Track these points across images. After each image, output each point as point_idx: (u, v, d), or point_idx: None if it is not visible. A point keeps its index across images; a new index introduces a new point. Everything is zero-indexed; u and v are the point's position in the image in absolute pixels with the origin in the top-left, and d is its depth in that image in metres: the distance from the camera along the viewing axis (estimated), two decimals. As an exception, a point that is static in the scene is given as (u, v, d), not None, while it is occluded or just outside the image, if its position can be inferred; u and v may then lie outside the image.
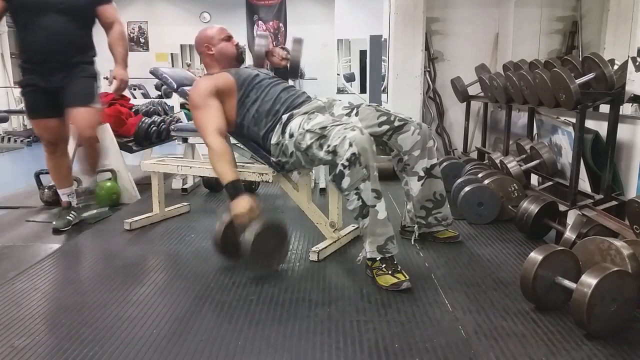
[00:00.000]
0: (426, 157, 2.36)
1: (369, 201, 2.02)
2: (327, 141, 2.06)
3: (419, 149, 2.33)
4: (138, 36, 12.16)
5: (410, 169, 2.39)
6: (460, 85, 4.19)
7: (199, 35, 2.54)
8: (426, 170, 2.37)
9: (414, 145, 2.33)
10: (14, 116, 8.83)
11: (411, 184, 2.41)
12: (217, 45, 2.49)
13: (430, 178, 2.39)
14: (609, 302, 1.60)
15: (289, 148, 2.25)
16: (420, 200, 2.43)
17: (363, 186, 2.00)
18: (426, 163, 2.36)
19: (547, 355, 1.55)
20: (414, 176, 2.39)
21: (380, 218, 2.03)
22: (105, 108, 3.74)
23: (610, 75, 2.40)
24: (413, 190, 2.41)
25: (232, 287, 2.07)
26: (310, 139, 2.13)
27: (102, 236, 2.79)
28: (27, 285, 2.11)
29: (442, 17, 4.64)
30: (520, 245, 2.58)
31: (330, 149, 2.04)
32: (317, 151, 2.11)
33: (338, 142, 2.01)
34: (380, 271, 2.05)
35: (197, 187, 4.02)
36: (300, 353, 1.57)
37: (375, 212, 2.03)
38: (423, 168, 2.37)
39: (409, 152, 2.35)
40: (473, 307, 1.88)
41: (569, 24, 4.48)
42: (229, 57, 2.50)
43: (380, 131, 2.33)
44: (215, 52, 2.48)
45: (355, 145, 1.97)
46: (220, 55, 2.49)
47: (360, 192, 2.01)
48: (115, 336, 1.67)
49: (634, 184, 2.40)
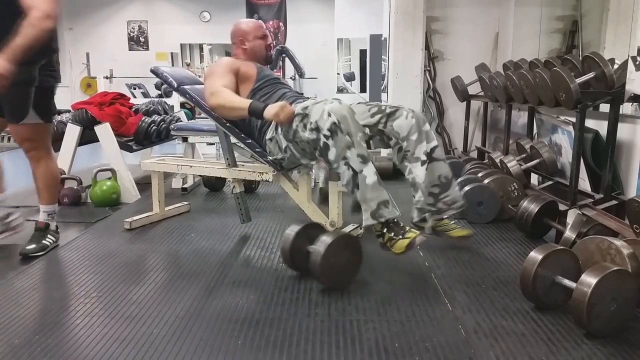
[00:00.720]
0: (424, 140, 2.29)
1: (356, 167, 2.00)
2: (309, 118, 2.08)
3: (416, 132, 2.29)
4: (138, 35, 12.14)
5: (411, 155, 2.31)
6: (460, 84, 4.19)
7: (237, 27, 2.63)
8: (427, 154, 2.28)
9: (410, 129, 2.29)
10: (14, 115, 8.82)
11: (415, 170, 2.30)
12: (252, 42, 2.58)
13: (433, 162, 2.30)
14: (608, 301, 1.60)
15: (282, 142, 2.27)
16: (427, 187, 2.31)
17: (349, 153, 1.99)
18: (426, 147, 2.29)
19: (547, 354, 1.55)
20: (417, 162, 2.30)
21: (369, 183, 1.99)
22: (105, 107, 3.74)
23: (610, 74, 2.40)
24: (419, 177, 2.30)
25: (232, 287, 2.07)
26: (296, 122, 2.15)
27: (102, 235, 2.79)
28: (26, 284, 2.11)
29: (442, 17, 4.64)
30: (520, 244, 2.58)
31: (313, 126, 2.06)
32: (302, 133, 2.13)
33: (318, 117, 2.04)
34: (392, 241, 2.01)
35: (197, 186, 4.02)
36: (300, 352, 1.57)
37: (363, 178, 2.00)
38: (424, 152, 2.28)
39: (407, 137, 2.29)
40: (473, 307, 1.88)
41: (569, 23, 4.48)
42: (259, 57, 2.61)
43: (374, 121, 2.34)
44: (248, 48, 2.59)
45: (334, 114, 1.99)
46: (251, 51, 2.59)
47: (349, 160, 2.00)
48: (115, 335, 1.67)
49: (633, 183, 2.40)
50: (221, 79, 2.38)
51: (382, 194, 2.02)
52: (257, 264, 2.36)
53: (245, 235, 2.78)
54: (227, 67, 2.44)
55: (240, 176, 2.60)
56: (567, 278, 1.77)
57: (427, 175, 2.29)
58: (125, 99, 4.13)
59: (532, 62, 3.31)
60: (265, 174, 2.46)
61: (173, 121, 4.30)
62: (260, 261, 2.39)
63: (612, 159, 2.37)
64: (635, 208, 1.94)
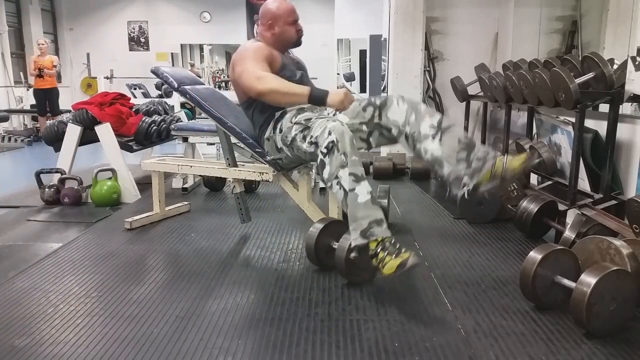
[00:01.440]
0: (426, 116, 2.15)
1: (347, 186, 1.98)
2: (310, 132, 2.09)
3: (413, 113, 2.18)
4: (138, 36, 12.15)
5: (419, 135, 2.15)
6: (460, 84, 4.19)
7: (267, 8, 2.42)
8: (435, 127, 2.13)
9: (406, 113, 2.19)
10: (15, 115, 8.83)
11: (429, 147, 2.13)
12: (282, 27, 2.39)
13: (444, 131, 2.13)
14: (608, 301, 1.61)
15: (277, 143, 2.28)
16: (451, 155, 2.10)
17: (342, 173, 1.99)
18: (430, 121, 2.14)
19: (547, 354, 1.55)
20: (427, 139, 2.13)
21: (360, 201, 1.95)
22: (106, 107, 3.74)
23: (609, 74, 2.40)
24: (436, 151, 2.12)
25: (232, 286, 2.08)
26: (295, 130, 2.15)
27: (103, 235, 2.79)
28: (27, 284, 2.11)
29: (441, 17, 4.64)
30: (520, 244, 2.58)
31: (312, 140, 2.07)
32: (301, 143, 2.14)
33: (319, 133, 2.04)
34: (383, 262, 1.89)
35: (197, 186, 4.02)
36: (300, 352, 1.57)
37: (354, 196, 1.96)
38: (430, 125, 2.13)
39: (407, 122, 2.19)
40: (472, 306, 1.88)
41: (569, 23, 4.49)
42: (288, 43, 2.45)
43: (368, 116, 2.28)
44: (277, 33, 2.40)
45: (334, 132, 2.00)
46: (280, 37, 2.40)
47: (340, 180, 1.99)
48: (116, 335, 1.67)
49: (633, 183, 2.40)
50: (260, 63, 2.25)
51: (375, 213, 1.95)
52: (257, 264, 2.36)
53: (245, 235, 2.79)
54: (262, 54, 2.29)
55: (240, 176, 2.60)
56: (567, 278, 1.77)
57: (444, 145, 2.12)
58: (125, 99, 4.13)
59: (532, 63, 3.32)
60: (265, 174, 2.47)
61: (173, 121, 4.30)
62: (260, 261, 2.40)
63: (611, 159, 2.38)
64: (634, 208, 1.95)
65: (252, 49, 2.33)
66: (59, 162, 3.67)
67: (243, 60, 2.28)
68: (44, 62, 7.40)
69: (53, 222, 3.14)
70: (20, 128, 8.72)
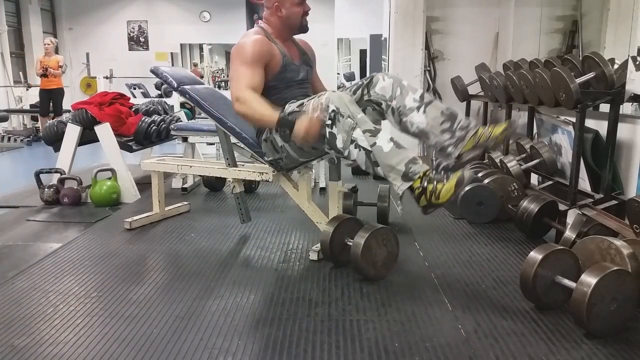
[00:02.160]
0: (410, 91, 2.23)
1: (367, 144, 1.95)
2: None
3: (398, 87, 2.24)
4: (138, 35, 12.15)
5: (404, 109, 2.22)
6: (461, 84, 4.19)
7: None
8: (417, 100, 2.21)
9: (392, 86, 2.24)
10: (14, 115, 8.83)
11: (414, 119, 2.20)
12: (288, 9, 2.31)
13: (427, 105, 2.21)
14: (608, 301, 1.60)
15: (277, 141, 2.26)
16: (435, 125, 2.19)
17: (356, 134, 1.96)
18: (413, 95, 2.22)
19: (547, 354, 1.55)
20: (412, 112, 2.21)
21: (387, 151, 1.94)
22: (105, 107, 3.74)
23: (610, 74, 2.40)
24: (421, 122, 2.19)
25: (232, 286, 2.07)
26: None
27: (102, 235, 2.79)
28: (27, 284, 2.11)
29: (442, 16, 4.64)
30: (520, 244, 2.58)
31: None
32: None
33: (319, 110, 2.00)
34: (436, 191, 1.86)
35: (197, 186, 4.02)
36: (300, 352, 1.57)
37: (379, 150, 1.94)
38: (413, 99, 2.21)
39: (393, 96, 2.24)
40: (473, 306, 1.88)
41: (569, 23, 4.49)
42: (294, 25, 2.36)
43: (358, 96, 2.29)
44: (284, 15, 2.32)
45: (332, 102, 1.98)
46: (286, 19, 2.33)
47: (357, 141, 1.97)
48: (115, 335, 1.67)
49: (633, 183, 2.40)
50: (250, 74, 2.21)
51: (406, 154, 1.95)
52: (257, 264, 2.36)
53: (245, 235, 2.79)
54: (258, 56, 2.23)
55: (240, 176, 2.60)
56: (567, 278, 1.77)
57: (429, 116, 2.19)
58: (125, 99, 4.12)
59: (532, 62, 3.31)
60: (265, 174, 2.46)
61: (173, 121, 4.30)
62: (260, 261, 2.39)
63: (612, 159, 2.37)
64: (635, 208, 1.94)
65: (250, 47, 2.24)
66: (58, 162, 3.66)
67: (237, 62, 2.24)
68: (50, 62, 7.38)
69: (53, 222, 3.14)
70: (20, 128, 8.73)
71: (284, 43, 2.37)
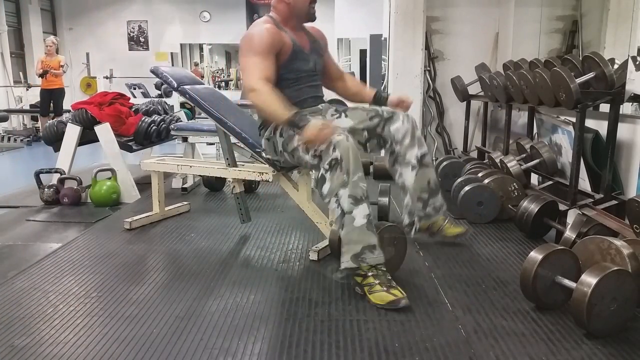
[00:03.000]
0: (416, 145, 2.32)
1: (345, 207, 1.96)
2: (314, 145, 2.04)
3: (409, 137, 2.31)
4: (138, 35, 12.15)
5: (403, 159, 2.34)
6: (461, 84, 4.19)
7: None
8: (418, 159, 2.32)
9: (405, 133, 2.31)
10: (14, 115, 8.83)
11: (405, 174, 2.35)
12: None
13: (422, 168, 2.33)
14: (608, 301, 1.60)
15: (277, 146, 2.26)
16: (417, 191, 2.35)
17: (342, 192, 1.96)
18: (417, 152, 2.32)
19: (547, 354, 1.55)
20: (407, 166, 2.33)
21: (356, 225, 1.94)
22: (105, 107, 3.74)
23: (610, 74, 2.40)
24: (408, 181, 2.35)
25: (232, 286, 2.07)
26: (298, 141, 2.10)
27: (102, 235, 2.79)
28: (27, 284, 2.11)
29: (442, 16, 4.63)
30: (520, 244, 2.58)
31: (316, 153, 2.03)
32: (304, 155, 2.10)
33: (324, 147, 1.99)
34: (373, 288, 1.91)
35: (197, 186, 4.02)
36: (300, 352, 1.57)
37: (351, 219, 1.94)
38: (415, 156, 2.31)
39: (401, 141, 2.31)
40: (473, 307, 1.88)
41: (569, 23, 4.48)
42: (301, 13, 2.33)
43: (373, 125, 2.34)
44: (291, 2, 2.28)
45: (339, 149, 1.95)
46: (294, 7, 2.29)
47: (339, 199, 1.97)
48: (115, 335, 1.67)
49: (633, 183, 2.40)
50: (263, 64, 2.16)
51: (369, 238, 1.95)
52: (257, 264, 2.36)
53: (245, 235, 2.78)
54: (268, 45, 2.18)
55: (240, 176, 2.60)
56: (567, 278, 1.77)
57: (417, 181, 2.34)
58: (125, 99, 4.12)
59: (532, 62, 3.31)
60: (265, 174, 2.46)
61: (173, 121, 4.30)
62: (260, 261, 2.39)
63: (612, 159, 2.37)
64: (635, 208, 1.94)
65: (261, 37, 2.19)
66: (58, 162, 3.66)
67: (248, 53, 2.21)
68: (52, 62, 7.36)
69: (52, 222, 3.14)
70: (20, 128, 8.73)
71: (294, 31, 2.33)
